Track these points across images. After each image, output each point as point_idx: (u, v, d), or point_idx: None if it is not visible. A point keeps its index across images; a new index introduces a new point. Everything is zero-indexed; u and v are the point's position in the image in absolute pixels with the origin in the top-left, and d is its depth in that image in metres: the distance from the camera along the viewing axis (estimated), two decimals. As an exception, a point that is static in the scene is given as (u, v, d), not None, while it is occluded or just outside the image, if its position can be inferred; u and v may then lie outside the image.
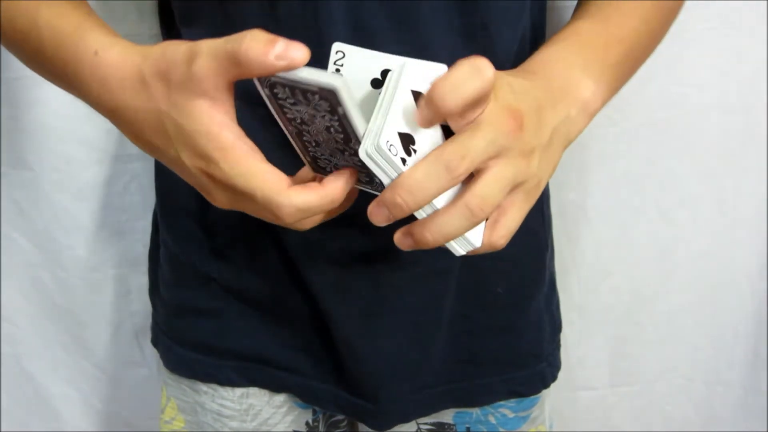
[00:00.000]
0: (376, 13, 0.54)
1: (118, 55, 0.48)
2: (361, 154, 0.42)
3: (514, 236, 0.68)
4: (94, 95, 0.50)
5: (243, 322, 0.69)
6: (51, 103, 0.89)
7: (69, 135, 0.91)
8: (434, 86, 0.42)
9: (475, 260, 0.66)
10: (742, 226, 0.94)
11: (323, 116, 0.42)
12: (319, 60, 0.56)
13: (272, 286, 0.67)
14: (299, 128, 0.46)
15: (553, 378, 0.74)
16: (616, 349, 1.00)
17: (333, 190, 0.46)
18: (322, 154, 0.47)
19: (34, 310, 0.98)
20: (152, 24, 0.83)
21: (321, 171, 0.49)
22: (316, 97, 0.41)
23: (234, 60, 0.41)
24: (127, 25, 0.82)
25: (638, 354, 1.00)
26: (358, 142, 0.42)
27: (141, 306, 0.98)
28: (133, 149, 0.91)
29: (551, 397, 0.78)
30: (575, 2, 0.69)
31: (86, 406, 1.03)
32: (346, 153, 0.45)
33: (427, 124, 0.44)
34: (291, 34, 0.55)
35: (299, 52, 0.41)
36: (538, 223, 0.71)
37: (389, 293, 0.64)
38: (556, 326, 0.76)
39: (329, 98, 0.40)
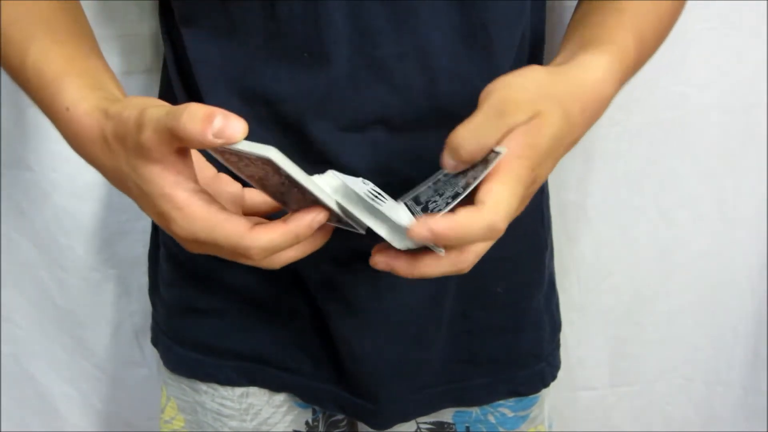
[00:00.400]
0: (376, 14, 0.54)
1: (85, 113, 0.50)
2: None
3: (514, 236, 0.69)
4: (72, 146, 0.53)
5: (243, 322, 0.69)
6: (51, 103, 0.89)
7: (69, 135, 0.91)
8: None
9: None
10: (742, 226, 0.93)
11: (273, 175, 0.45)
12: (319, 60, 0.56)
13: (272, 286, 0.67)
14: (260, 182, 0.48)
15: (553, 377, 0.74)
16: (616, 349, 1.00)
17: (296, 227, 0.46)
18: (289, 199, 0.49)
19: (34, 310, 0.98)
20: (152, 24, 0.83)
21: (295, 210, 0.50)
22: (259, 162, 0.43)
23: (174, 135, 0.42)
24: (127, 25, 0.82)
25: (638, 354, 1.00)
26: (313, 194, 0.45)
27: (141, 306, 0.98)
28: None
29: (551, 396, 0.78)
30: (575, 2, 0.69)
31: (86, 406, 1.03)
32: (309, 199, 0.47)
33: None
34: (291, 34, 0.55)
35: (236, 127, 0.41)
36: (537, 222, 0.71)
37: (389, 293, 0.64)
38: (555, 326, 0.76)
39: (269, 164, 0.43)
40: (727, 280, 0.96)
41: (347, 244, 0.62)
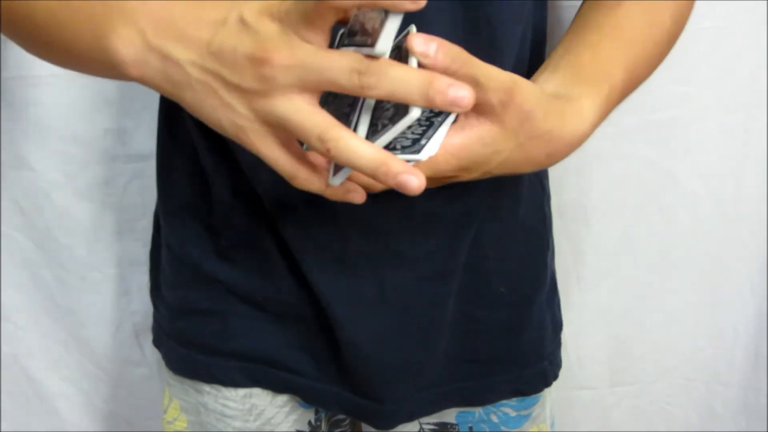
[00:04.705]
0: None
1: None
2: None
3: (516, 236, 0.69)
4: None
5: (246, 323, 0.69)
6: (50, 103, 0.89)
7: (69, 135, 0.91)
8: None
9: (477, 261, 0.66)
10: (742, 226, 0.94)
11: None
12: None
13: (276, 287, 0.67)
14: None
15: (555, 376, 0.74)
16: (616, 349, 1.00)
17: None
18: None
19: (34, 310, 0.98)
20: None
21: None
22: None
23: None
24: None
25: (638, 354, 1.00)
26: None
27: (141, 305, 0.98)
28: (132, 149, 0.92)
29: (551, 396, 0.78)
30: (577, 2, 0.69)
31: (86, 405, 1.03)
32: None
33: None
34: None
35: None
36: (539, 222, 0.71)
37: (392, 294, 0.64)
38: (557, 325, 0.76)
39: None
40: (727, 280, 0.96)
41: (350, 245, 0.62)
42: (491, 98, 0.45)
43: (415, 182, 0.40)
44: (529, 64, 0.63)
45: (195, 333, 0.70)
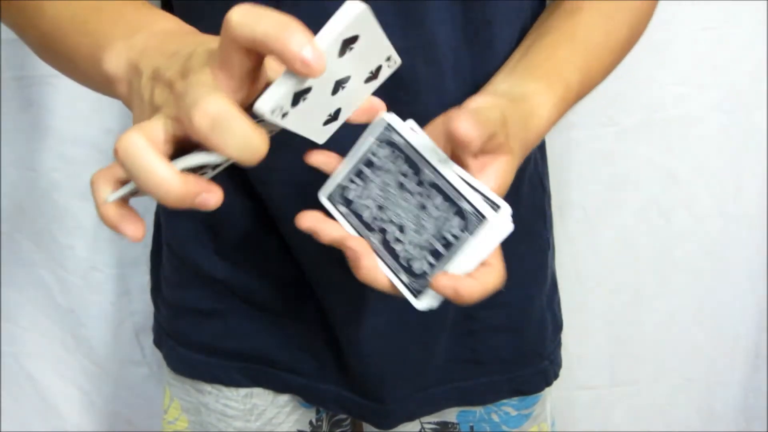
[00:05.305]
0: (383, 10, 0.54)
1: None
2: None
3: (517, 236, 0.69)
4: None
5: (247, 323, 0.69)
6: (51, 103, 0.89)
7: (69, 135, 0.91)
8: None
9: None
10: (742, 226, 0.94)
11: None
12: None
13: (277, 287, 0.67)
14: None
15: (555, 376, 0.74)
16: (616, 349, 1.00)
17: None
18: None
19: (34, 310, 0.98)
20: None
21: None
22: None
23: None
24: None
25: (638, 354, 1.00)
26: None
27: (141, 305, 0.98)
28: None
29: (552, 395, 0.78)
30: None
31: (87, 405, 1.03)
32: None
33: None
34: None
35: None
36: (540, 222, 0.72)
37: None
38: (557, 325, 0.76)
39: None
40: (727, 280, 0.96)
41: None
42: (500, 137, 0.46)
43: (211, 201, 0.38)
44: None
45: (195, 333, 0.70)
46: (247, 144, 0.36)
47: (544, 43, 0.59)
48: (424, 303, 0.47)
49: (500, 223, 0.44)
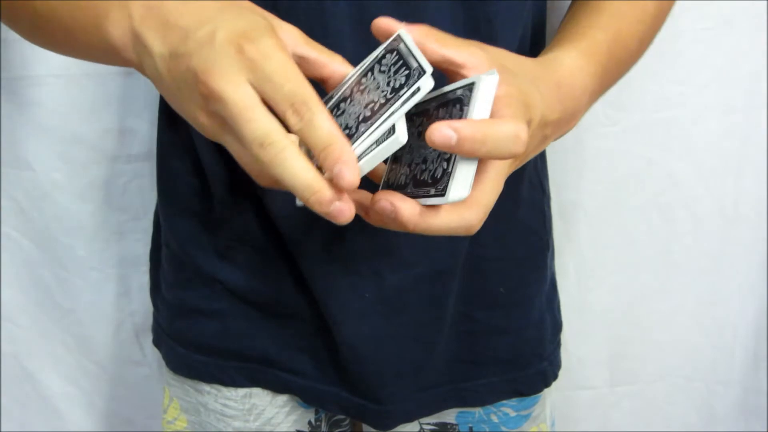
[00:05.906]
0: (382, 8, 0.54)
1: None
2: None
3: (516, 236, 0.69)
4: None
5: (246, 323, 0.69)
6: (50, 103, 0.89)
7: (69, 135, 0.91)
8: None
9: (477, 260, 0.66)
10: (742, 226, 0.94)
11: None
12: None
13: (275, 287, 0.67)
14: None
15: (555, 377, 0.74)
16: (616, 349, 1.00)
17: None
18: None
19: (34, 309, 0.98)
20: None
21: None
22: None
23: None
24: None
25: (638, 354, 1.00)
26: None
27: (141, 305, 0.98)
28: (133, 149, 0.92)
29: (551, 396, 0.78)
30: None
31: (87, 405, 1.03)
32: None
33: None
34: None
35: None
36: (539, 223, 0.72)
37: (392, 294, 0.64)
38: (557, 326, 0.76)
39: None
40: (727, 280, 0.96)
41: (350, 246, 0.62)
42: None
43: (346, 215, 0.39)
44: None
45: (195, 333, 0.70)
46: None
47: (568, 23, 0.61)
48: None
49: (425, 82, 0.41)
